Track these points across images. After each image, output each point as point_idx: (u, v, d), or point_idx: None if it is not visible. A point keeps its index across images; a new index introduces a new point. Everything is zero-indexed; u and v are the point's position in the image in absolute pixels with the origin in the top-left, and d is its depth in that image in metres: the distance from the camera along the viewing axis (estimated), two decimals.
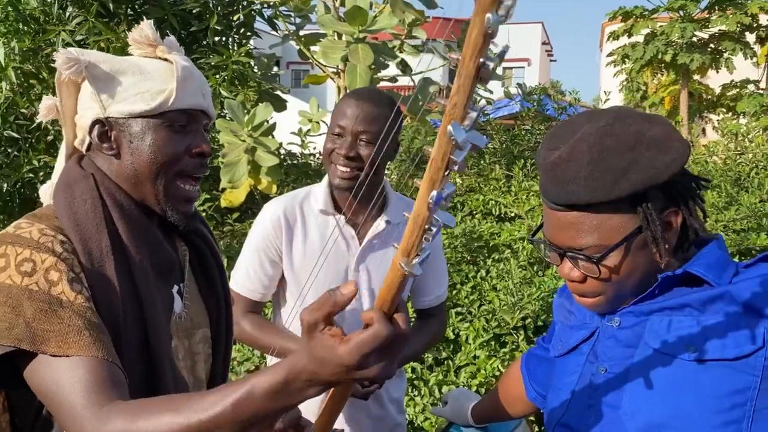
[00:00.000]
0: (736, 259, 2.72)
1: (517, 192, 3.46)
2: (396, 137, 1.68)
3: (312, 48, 3.60)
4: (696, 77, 14.52)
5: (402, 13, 2.82)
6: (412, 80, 3.30)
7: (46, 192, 1.13)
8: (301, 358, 0.74)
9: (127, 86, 1.04)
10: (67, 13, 3.43)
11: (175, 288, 1.13)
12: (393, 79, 3.50)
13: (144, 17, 3.57)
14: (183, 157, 1.06)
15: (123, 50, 3.33)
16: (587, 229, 0.96)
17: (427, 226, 0.66)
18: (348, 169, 1.55)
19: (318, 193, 1.65)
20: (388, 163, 2.33)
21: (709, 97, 14.61)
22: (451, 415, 1.56)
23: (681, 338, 0.95)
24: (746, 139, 3.21)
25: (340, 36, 3.05)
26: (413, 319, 1.86)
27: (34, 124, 3.93)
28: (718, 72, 13.12)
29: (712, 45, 13.00)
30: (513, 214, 3.31)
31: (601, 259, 0.95)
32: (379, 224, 1.63)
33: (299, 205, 1.65)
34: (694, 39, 12.69)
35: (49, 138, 4.01)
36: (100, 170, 1.06)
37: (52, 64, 3.21)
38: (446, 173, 0.62)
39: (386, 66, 2.98)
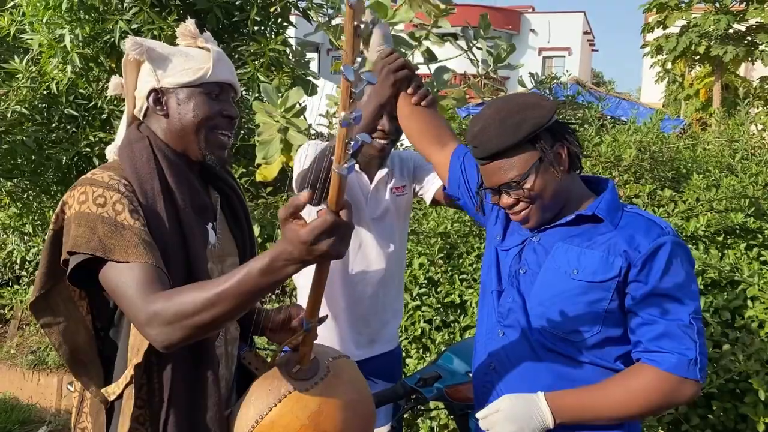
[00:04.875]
0: (720, 238, 2.97)
1: None
2: None
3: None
4: (738, 70, 14.32)
5: (419, 7, 3.12)
6: (429, 69, 3.60)
7: (110, 151, 1.49)
8: (279, 243, 1.05)
9: (176, 64, 1.40)
10: (125, 4, 3.80)
11: (210, 225, 1.46)
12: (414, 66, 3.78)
13: (192, 8, 3.95)
14: (216, 116, 1.41)
15: (173, 37, 3.68)
16: (508, 167, 1.42)
17: (347, 140, 0.91)
18: (385, 142, 2.03)
19: None
20: None
21: (746, 89, 14.41)
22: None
23: (570, 262, 1.42)
24: (740, 129, 3.43)
25: None
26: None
27: (91, 103, 4.31)
28: (753, 64, 12.97)
29: (748, 37, 12.83)
30: None
31: (522, 181, 1.41)
32: (382, 171, 2.10)
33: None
34: (730, 31, 12.54)
35: (104, 116, 4.36)
36: (153, 133, 1.42)
37: (110, 50, 3.60)
38: (351, 101, 0.88)
39: (405, 55, 3.27)
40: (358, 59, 0.86)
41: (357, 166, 2.05)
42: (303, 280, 2.11)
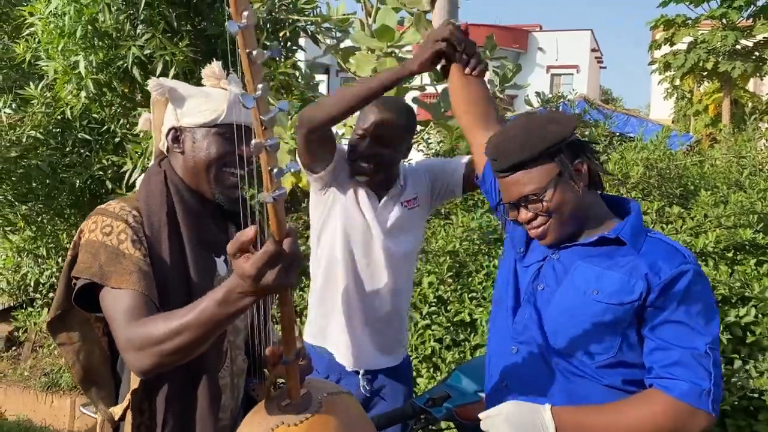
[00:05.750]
0: (729, 254, 2.97)
1: None
2: (409, 141, 2.12)
3: (350, 60, 3.97)
4: (747, 86, 14.31)
5: (425, 30, 3.17)
6: (436, 89, 3.64)
7: (138, 183, 1.54)
8: (232, 277, 1.04)
9: (194, 105, 1.45)
10: (137, 30, 3.87)
11: (222, 258, 1.49)
12: (422, 87, 3.84)
13: (203, 34, 4.02)
14: (227, 155, 1.44)
15: (184, 62, 3.76)
16: (527, 180, 1.42)
17: (269, 168, 0.88)
18: (366, 165, 2.00)
19: None
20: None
21: (754, 105, 14.38)
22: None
23: (589, 282, 1.41)
24: (747, 145, 3.44)
25: (372, 50, 3.41)
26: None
27: (104, 128, 4.38)
28: (762, 79, 12.97)
29: (756, 53, 12.82)
30: None
31: (541, 195, 1.40)
32: (392, 192, 2.11)
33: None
34: (738, 47, 12.54)
35: (116, 140, 4.44)
36: (171, 167, 1.47)
37: (123, 75, 3.64)
38: (263, 129, 0.86)
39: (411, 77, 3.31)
40: (260, 86, 0.84)
41: (362, 182, 2.07)
42: (313, 299, 2.13)
